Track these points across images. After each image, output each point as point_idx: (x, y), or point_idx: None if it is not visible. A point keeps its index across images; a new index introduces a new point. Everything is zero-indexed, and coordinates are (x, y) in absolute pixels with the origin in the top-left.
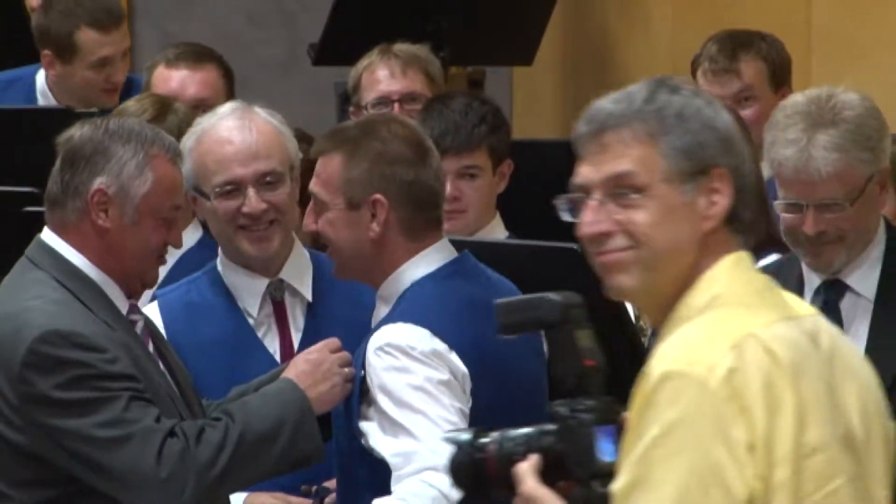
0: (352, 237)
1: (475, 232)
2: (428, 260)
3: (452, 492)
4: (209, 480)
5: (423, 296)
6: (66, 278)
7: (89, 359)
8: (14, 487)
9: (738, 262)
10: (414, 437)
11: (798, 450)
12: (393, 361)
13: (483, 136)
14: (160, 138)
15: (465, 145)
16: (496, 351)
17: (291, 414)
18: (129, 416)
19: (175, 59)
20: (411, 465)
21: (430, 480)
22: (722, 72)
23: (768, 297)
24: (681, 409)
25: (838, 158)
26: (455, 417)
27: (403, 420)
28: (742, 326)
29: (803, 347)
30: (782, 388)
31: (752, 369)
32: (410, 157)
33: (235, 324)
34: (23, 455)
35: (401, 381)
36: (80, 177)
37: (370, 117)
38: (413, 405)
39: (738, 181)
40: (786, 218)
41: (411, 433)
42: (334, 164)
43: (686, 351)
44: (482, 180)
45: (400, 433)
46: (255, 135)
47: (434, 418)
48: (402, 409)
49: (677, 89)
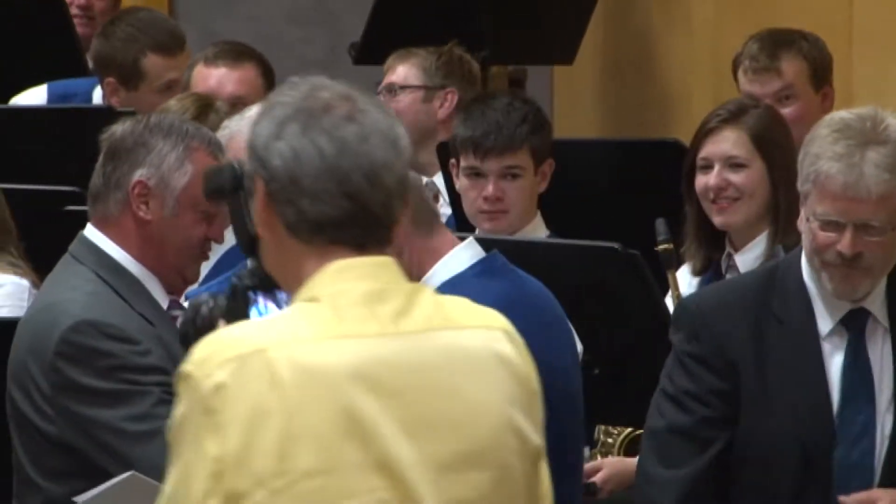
0: None
1: (516, 231)
2: (456, 260)
3: None
4: None
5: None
6: (107, 273)
7: (120, 350)
8: (45, 478)
9: (343, 268)
10: None
11: (282, 474)
12: None
13: (525, 136)
14: (200, 132)
15: (508, 145)
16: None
17: None
18: (158, 412)
19: (214, 58)
20: None
21: None
22: (763, 70)
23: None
24: (183, 407)
25: (889, 179)
26: None
27: None
28: (261, 340)
29: (342, 371)
30: (272, 413)
31: (242, 389)
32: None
33: None
34: (54, 445)
35: None
36: (122, 169)
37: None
38: None
39: None
40: (819, 236)
41: None
42: None
43: (206, 350)
44: (524, 180)
45: None
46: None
47: None
48: None
49: None
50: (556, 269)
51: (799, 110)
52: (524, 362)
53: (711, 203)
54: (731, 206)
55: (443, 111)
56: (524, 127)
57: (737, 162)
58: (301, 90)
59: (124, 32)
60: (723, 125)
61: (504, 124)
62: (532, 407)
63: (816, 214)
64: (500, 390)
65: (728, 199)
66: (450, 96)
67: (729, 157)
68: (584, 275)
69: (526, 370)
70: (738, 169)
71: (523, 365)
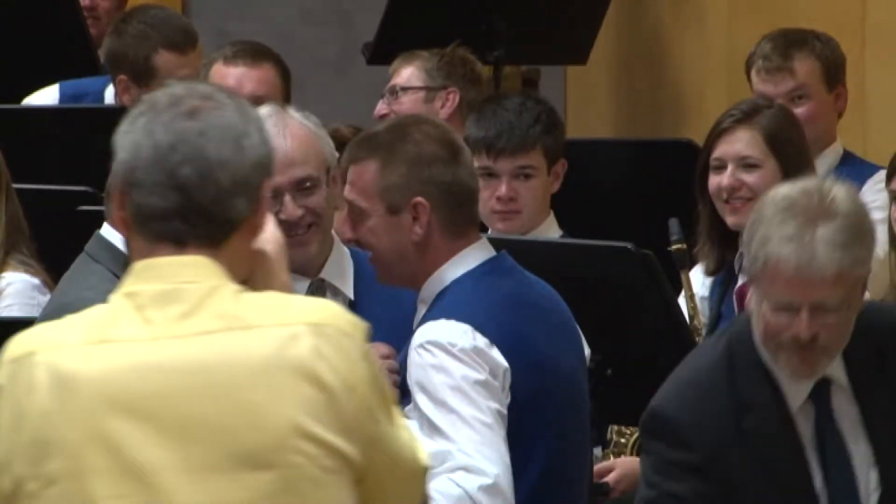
0: (394, 242)
1: (529, 231)
2: (467, 259)
3: (479, 494)
4: None
5: (464, 292)
6: (122, 271)
7: None
8: None
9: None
10: (447, 437)
11: (34, 478)
12: (431, 359)
13: (538, 136)
14: None
15: (520, 146)
16: (537, 348)
17: None
18: None
19: (233, 57)
20: (444, 465)
21: (458, 480)
22: (775, 70)
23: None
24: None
25: (842, 256)
26: (489, 418)
27: (438, 420)
28: (35, 342)
29: (94, 378)
30: (28, 417)
31: (11, 392)
32: (445, 157)
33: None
34: None
35: (438, 379)
36: None
37: (399, 120)
38: (448, 404)
39: None
40: (771, 322)
41: (445, 434)
42: (370, 172)
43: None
44: (537, 180)
45: (435, 434)
46: (290, 141)
47: (468, 419)
48: (438, 408)
49: None
50: (568, 269)
51: (812, 110)
52: (333, 360)
53: (724, 203)
54: (744, 206)
55: (444, 111)
56: (537, 127)
57: (750, 162)
58: (169, 89)
59: (136, 30)
60: (736, 125)
61: (517, 124)
62: (334, 408)
63: (769, 299)
64: (284, 394)
65: (741, 200)
66: (451, 96)
67: (742, 157)
68: (596, 275)
69: (330, 368)
70: (751, 169)
71: (326, 364)
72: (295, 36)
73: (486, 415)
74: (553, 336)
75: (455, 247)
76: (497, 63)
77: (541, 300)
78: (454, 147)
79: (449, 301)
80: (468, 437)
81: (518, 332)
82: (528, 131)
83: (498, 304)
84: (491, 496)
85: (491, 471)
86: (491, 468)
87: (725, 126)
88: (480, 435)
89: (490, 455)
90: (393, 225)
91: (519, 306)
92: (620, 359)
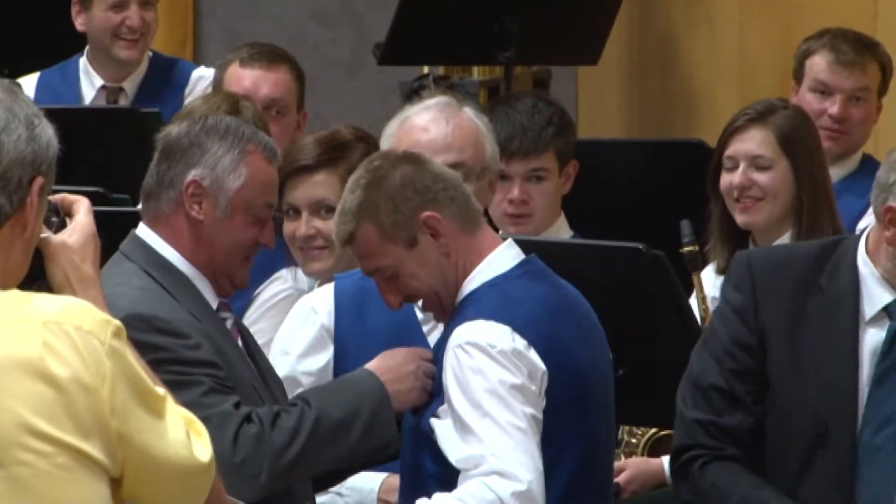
0: (432, 269)
1: (540, 233)
2: (499, 261)
3: (512, 500)
4: (283, 465)
5: (502, 293)
6: (156, 270)
7: (170, 343)
8: None
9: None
10: (481, 441)
11: None
12: (469, 361)
13: (550, 138)
14: (257, 136)
15: (533, 148)
16: (573, 352)
17: (368, 402)
18: (206, 401)
19: (249, 59)
20: (478, 468)
21: (491, 484)
22: (851, 64)
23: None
24: None
25: None
26: (524, 423)
27: (473, 423)
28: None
29: None
30: None
31: None
32: (413, 167)
33: (404, 315)
34: None
35: (474, 381)
36: (176, 169)
37: (355, 176)
38: (483, 408)
39: None
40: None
41: (479, 437)
42: (370, 235)
43: None
44: (549, 182)
45: (469, 437)
46: (451, 129)
47: (503, 423)
48: (474, 411)
49: None
50: (579, 270)
51: (867, 112)
52: (68, 357)
53: (735, 202)
54: (755, 205)
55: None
56: (549, 129)
57: (762, 162)
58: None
59: None
60: (749, 124)
61: (529, 127)
62: (69, 406)
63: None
64: (12, 392)
65: (752, 199)
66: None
67: (754, 156)
68: (607, 275)
69: (64, 366)
70: (763, 169)
71: (59, 361)
72: (306, 36)
73: (521, 420)
74: (586, 340)
75: (477, 241)
76: (508, 64)
77: (574, 304)
78: (412, 154)
79: (486, 302)
80: (502, 441)
81: (556, 336)
82: (541, 133)
83: (536, 306)
84: (523, 503)
85: (525, 477)
86: (525, 474)
87: (739, 125)
88: (514, 440)
89: (524, 461)
90: (420, 255)
91: (555, 310)
92: (631, 359)
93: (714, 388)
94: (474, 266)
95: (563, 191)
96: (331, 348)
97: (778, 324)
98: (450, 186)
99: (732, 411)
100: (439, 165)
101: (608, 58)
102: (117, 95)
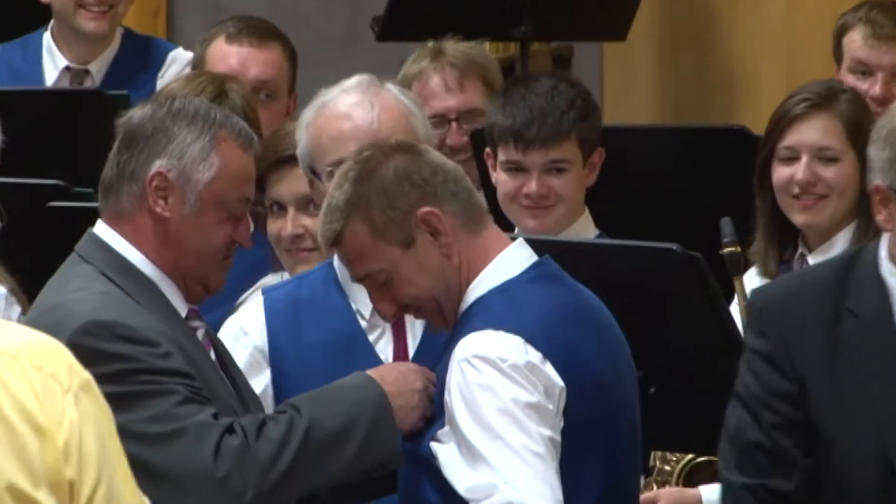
0: (431, 273)
1: (562, 231)
2: (509, 263)
3: None
4: (271, 480)
5: (513, 300)
6: (117, 274)
7: (136, 352)
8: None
9: None
10: (493, 468)
11: None
12: (476, 377)
13: (572, 123)
14: (230, 121)
15: (553, 136)
16: (593, 365)
17: (367, 411)
18: (181, 411)
19: (237, 35)
20: (489, 499)
21: None
22: (890, 38)
23: None
24: None
25: None
26: (541, 447)
27: (483, 447)
28: None
29: None
30: None
31: None
32: (408, 158)
33: (346, 325)
34: None
35: (484, 400)
36: (139, 159)
37: (343, 169)
38: (495, 430)
39: None
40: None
41: (490, 464)
42: (358, 237)
43: None
44: (571, 174)
45: (478, 463)
46: (378, 112)
47: (517, 448)
48: (483, 433)
49: None
50: (606, 274)
51: None
52: (23, 395)
53: (793, 198)
54: (818, 203)
55: None
56: (571, 113)
57: (828, 155)
58: None
59: None
60: (812, 111)
61: (548, 111)
62: (15, 446)
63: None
64: None
65: (814, 196)
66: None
67: (820, 147)
68: (637, 280)
69: (16, 403)
70: (829, 163)
71: (9, 396)
72: (298, 9)
73: (538, 443)
74: (608, 352)
75: (482, 241)
76: (524, 39)
77: (593, 311)
78: (407, 145)
79: (495, 310)
80: (517, 468)
81: (574, 347)
82: (562, 118)
83: (551, 314)
84: None
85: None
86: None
87: (798, 112)
88: (531, 467)
89: (541, 490)
90: (417, 257)
91: (573, 317)
92: (664, 376)
93: (757, 447)
94: (479, 269)
95: (587, 183)
96: (267, 371)
97: (814, 362)
98: (450, 179)
99: (782, 470)
100: (438, 156)
101: (638, 33)
102: (82, 79)
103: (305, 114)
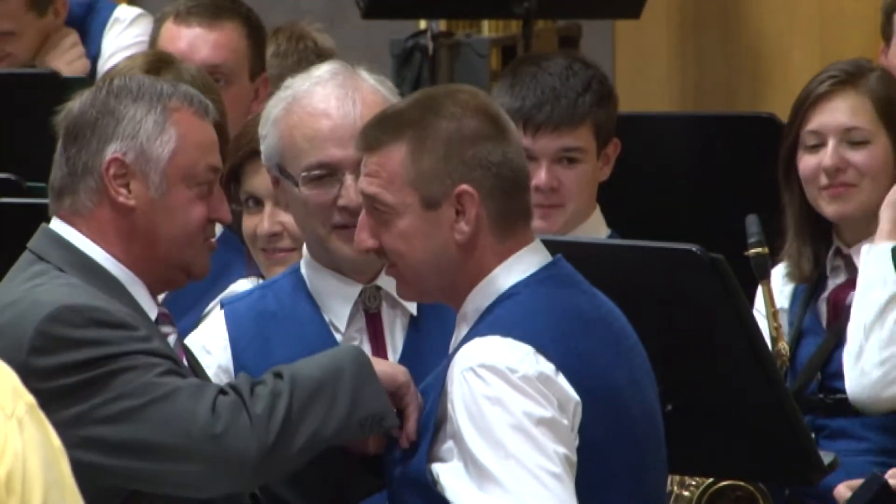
0: (433, 246)
1: (571, 230)
2: (522, 263)
3: None
4: (273, 430)
5: (522, 305)
6: (78, 271)
7: (112, 336)
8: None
9: None
10: (505, 489)
11: None
12: (484, 388)
13: (588, 108)
14: (180, 89)
15: (567, 120)
16: (609, 374)
17: (349, 358)
18: (167, 380)
19: (186, 14)
20: None
21: None
22: None
23: None
24: None
25: None
26: (558, 467)
27: (493, 467)
28: None
29: None
30: None
31: None
32: (492, 133)
33: (317, 339)
34: None
35: (493, 415)
36: (89, 150)
37: (426, 92)
38: (506, 448)
39: None
40: None
41: (502, 485)
42: (397, 158)
43: None
44: (585, 165)
45: (488, 483)
46: (360, 109)
47: (530, 467)
48: (494, 451)
49: None
50: (619, 278)
51: None
52: None
53: (822, 189)
54: (848, 191)
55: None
56: (587, 97)
57: (857, 137)
58: None
59: None
60: (837, 89)
61: (562, 92)
62: None
63: None
64: None
65: (844, 185)
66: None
67: (848, 129)
68: (654, 284)
69: None
70: (858, 146)
71: None
72: None
73: (554, 462)
74: (626, 361)
75: (504, 249)
76: (527, 17)
77: (610, 317)
78: (500, 120)
79: (502, 315)
80: (533, 490)
81: (589, 357)
82: (577, 101)
83: (564, 320)
84: None
85: None
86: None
87: (822, 91)
88: (548, 489)
89: None
90: (430, 223)
91: (588, 325)
92: (683, 391)
93: None
94: (490, 269)
95: (601, 177)
96: None
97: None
98: (511, 179)
99: None
100: (518, 149)
101: (653, 10)
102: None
103: (272, 107)
